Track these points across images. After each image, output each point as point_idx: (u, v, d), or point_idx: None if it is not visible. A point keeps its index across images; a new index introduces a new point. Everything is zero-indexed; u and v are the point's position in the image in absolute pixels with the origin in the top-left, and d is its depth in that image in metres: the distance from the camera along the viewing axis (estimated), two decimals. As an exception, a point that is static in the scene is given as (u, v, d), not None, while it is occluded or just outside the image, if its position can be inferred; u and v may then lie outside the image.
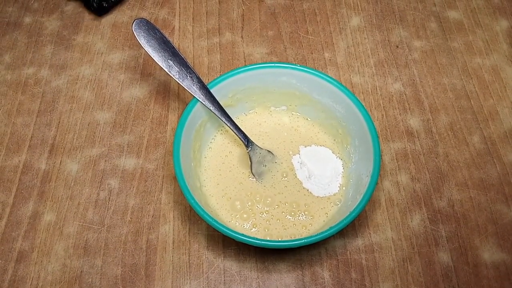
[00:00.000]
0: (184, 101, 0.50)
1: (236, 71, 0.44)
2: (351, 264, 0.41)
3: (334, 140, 0.46)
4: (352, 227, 0.42)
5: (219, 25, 0.56)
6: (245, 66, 0.44)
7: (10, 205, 0.44)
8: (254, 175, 0.44)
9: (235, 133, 0.43)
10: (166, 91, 0.51)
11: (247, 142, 0.44)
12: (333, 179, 0.44)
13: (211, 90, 0.43)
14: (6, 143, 0.48)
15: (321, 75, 0.43)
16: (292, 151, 0.46)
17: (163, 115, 0.49)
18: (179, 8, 0.57)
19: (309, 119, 0.47)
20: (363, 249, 0.42)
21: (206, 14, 0.56)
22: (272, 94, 0.46)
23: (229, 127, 0.43)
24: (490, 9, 0.56)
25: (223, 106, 0.43)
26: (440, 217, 0.43)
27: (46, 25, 0.56)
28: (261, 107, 0.48)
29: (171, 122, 0.49)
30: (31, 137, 0.48)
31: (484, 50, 0.53)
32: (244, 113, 0.48)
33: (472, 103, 0.49)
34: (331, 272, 0.41)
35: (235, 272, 0.41)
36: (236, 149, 0.46)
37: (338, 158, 0.45)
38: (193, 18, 0.56)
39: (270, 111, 0.48)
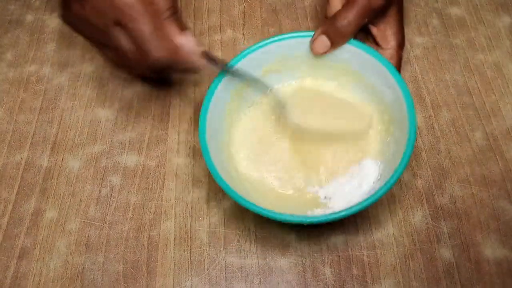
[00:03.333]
0: (186, 98, 0.50)
1: (284, 36, 0.44)
2: (352, 261, 0.41)
3: (379, 128, 0.44)
4: (353, 223, 0.42)
5: (220, 22, 0.56)
6: (294, 32, 0.44)
7: (12, 202, 0.44)
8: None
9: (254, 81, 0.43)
10: (167, 89, 0.51)
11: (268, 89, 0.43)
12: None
13: (260, 50, 0.43)
14: (8, 141, 0.48)
15: (375, 53, 0.42)
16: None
17: (164, 112, 0.49)
18: (180, 5, 0.57)
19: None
20: (364, 246, 0.41)
21: (207, 11, 0.56)
22: (322, 66, 0.45)
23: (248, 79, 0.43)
24: (493, 5, 0.55)
25: (269, 70, 0.44)
26: (442, 214, 0.43)
27: (48, 23, 0.56)
28: (310, 78, 0.47)
29: (173, 119, 0.49)
30: (33, 134, 0.48)
31: (487, 47, 0.52)
32: (290, 81, 0.47)
33: (474, 99, 0.49)
34: (332, 268, 0.41)
35: (237, 268, 0.41)
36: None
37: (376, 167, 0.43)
38: (194, 15, 0.56)
39: (319, 84, 0.47)
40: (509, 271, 0.40)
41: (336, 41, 0.42)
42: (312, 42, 0.43)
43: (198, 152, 0.47)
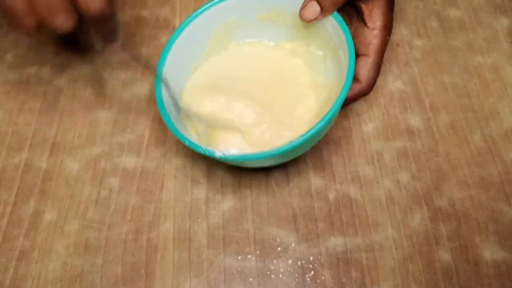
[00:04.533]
0: (184, 100, 0.50)
1: None
2: (351, 263, 0.41)
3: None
4: (352, 225, 0.42)
5: (219, 24, 0.55)
6: None
7: (11, 203, 0.44)
8: None
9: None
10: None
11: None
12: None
13: None
14: (8, 142, 0.48)
15: (346, 29, 0.42)
16: None
17: (163, 114, 0.49)
18: (180, 7, 0.57)
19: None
20: (363, 248, 0.42)
21: (207, 13, 0.56)
22: (310, 30, 0.45)
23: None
24: (491, 7, 0.55)
25: (264, 18, 0.46)
26: (440, 216, 0.43)
27: (47, 24, 0.56)
28: (296, 42, 0.47)
29: (172, 121, 0.49)
30: (32, 136, 0.48)
31: (485, 49, 0.52)
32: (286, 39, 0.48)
33: (473, 101, 0.49)
34: (331, 271, 0.41)
35: (235, 270, 0.41)
36: None
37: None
38: (193, 17, 0.56)
39: (310, 50, 0.47)
40: (508, 273, 0.40)
41: (326, 7, 0.42)
42: (302, 8, 0.43)
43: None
